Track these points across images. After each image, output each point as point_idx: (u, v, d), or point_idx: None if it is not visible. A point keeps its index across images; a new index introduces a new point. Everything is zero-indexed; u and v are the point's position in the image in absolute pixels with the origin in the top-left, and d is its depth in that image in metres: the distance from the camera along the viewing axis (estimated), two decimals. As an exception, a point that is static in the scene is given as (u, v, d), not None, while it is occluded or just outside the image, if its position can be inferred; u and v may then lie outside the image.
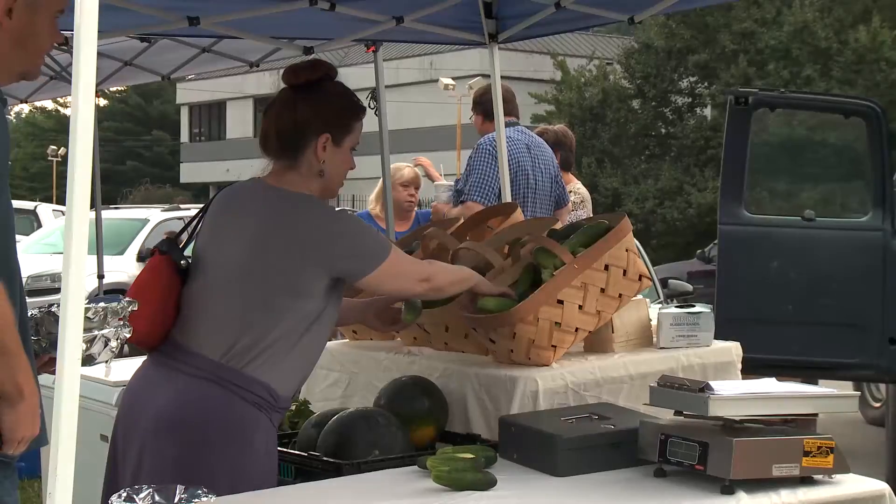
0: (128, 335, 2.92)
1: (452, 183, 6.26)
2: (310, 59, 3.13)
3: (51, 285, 12.47)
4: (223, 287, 2.89)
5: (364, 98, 6.40)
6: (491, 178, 5.70)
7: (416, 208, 6.70)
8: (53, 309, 2.77)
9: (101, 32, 2.05)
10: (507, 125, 5.91)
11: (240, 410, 2.81)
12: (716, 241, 7.91)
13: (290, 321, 2.84)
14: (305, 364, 2.95)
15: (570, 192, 6.52)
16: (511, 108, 6.15)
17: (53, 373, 2.82)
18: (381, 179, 6.38)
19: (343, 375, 3.72)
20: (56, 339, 2.75)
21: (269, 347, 2.83)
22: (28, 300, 2.60)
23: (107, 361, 2.93)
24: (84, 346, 2.27)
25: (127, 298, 2.98)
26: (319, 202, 2.95)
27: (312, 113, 2.94)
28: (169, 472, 2.70)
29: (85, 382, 2.70)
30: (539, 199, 5.98)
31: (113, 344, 2.89)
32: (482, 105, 6.05)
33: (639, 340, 3.54)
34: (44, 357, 2.78)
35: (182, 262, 3.02)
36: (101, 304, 2.63)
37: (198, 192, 48.53)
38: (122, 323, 2.91)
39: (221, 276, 2.91)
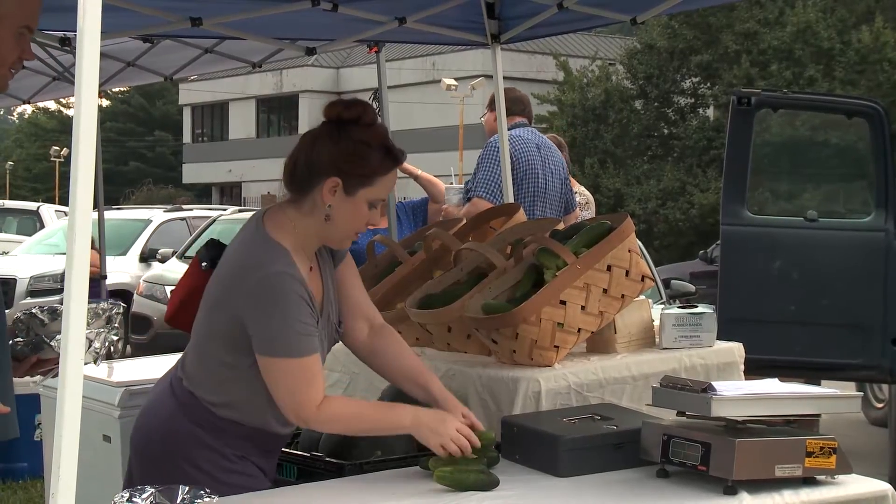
0: (115, 338, 2.93)
1: (462, 185, 6.26)
2: (353, 98, 2.93)
3: (53, 286, 12.48)
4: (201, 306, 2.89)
5: (367, 99, 6.41)
6: (498, 175, 5.71)
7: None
8: (35, 311, 2.78)
9: (104, 33, 2.05)
10: (519, 126, 5.93)
11: (177, 424, 2.82)
12: (718, 242, 7.91)
13: (227, 360, 2.78)
14: (250, 394, 2.81)
15: (576, 192, 6.52)
16: (524, 110, 6.17)
17: (42, 374, 2.84)
18: None
19: (344, 376, 3.72)
20: (40, 341, 2.76)
21: (212, 372, 2.80)
22: (31, 301, 2.60)
23: (93, 362, 2.94)
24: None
25: (111, 301, 2.99)
26: (264, 264, 2.68)
27: (328, 153, 2.73)
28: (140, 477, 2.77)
29: (88, 383, 2.70)
30: (548, 200, 5.97)
31: (97, 345, 2.89)
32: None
33: (641, 341, 3.54)
34: (31, 358, 2.79)
35: (203, 264, 3.04)
36: None
37: (200, 192, 48.59)
38: (108, 326, 2.91)
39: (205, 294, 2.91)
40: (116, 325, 2.92)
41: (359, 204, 2.75)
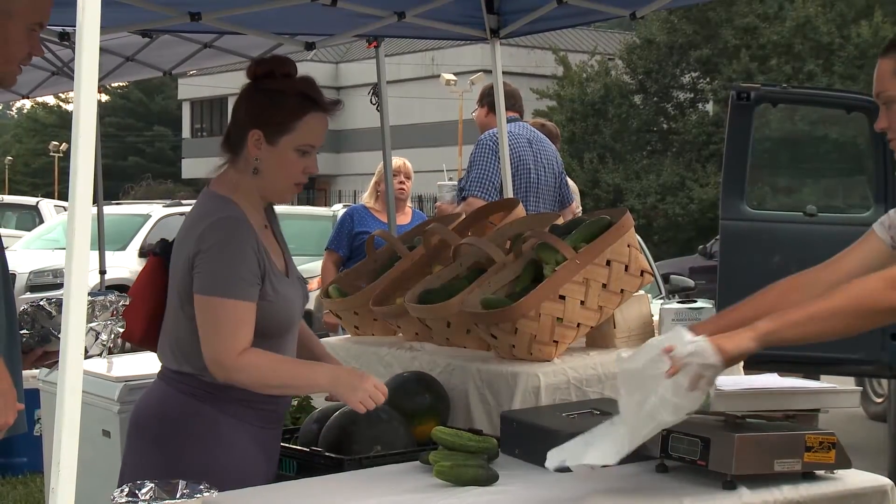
0: (121, 330, 2.94)
1: (456, 182, 6.26)
2: (272, 55, 3.01)
3: (53, 281, 12.48)
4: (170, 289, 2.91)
5: (366, 94, 6.41)
6: (492, 173, 5.70)
7: (410, 203, 6.69)
8: (43, 304, 2.79)
9: (103, 28, 2.05)
10: (510, 120, 5.91)
11: (170, 401, 2.84)
12: (717, 237, 7.91)
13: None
14: None
15: None
16: (515, 105, 6.16)
17: (48, 366, 2.85)
18: (376, 173, 6.41)
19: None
20: (47, 333, 2.77)
21: (188, 344, 2.81)
22: (31, 296, 2.60)
23: (100, 354, 2.95)
24: None
25: (117, 293, 3.00)
26: (213, 212, 2.78)
27: (246, 108, 2.86)
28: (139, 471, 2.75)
29: (87, 378, 2.71)
30: (541, 194, 5.97)
31: (104, 337, 2.90)
32: (489, 98, 6.05)
33: (640, 336, 3.54)
34: (37, 351, 2.79)
35: (156, 252, 3.05)
36: (89, 298, 2.64)
37: (199, 187, 48.38)
38: (113, 318, 2.92)
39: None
40: (122, 316, 2.93)
41: (284, 152, 2.81)
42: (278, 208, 3.08)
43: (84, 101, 1.95)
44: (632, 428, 2.39)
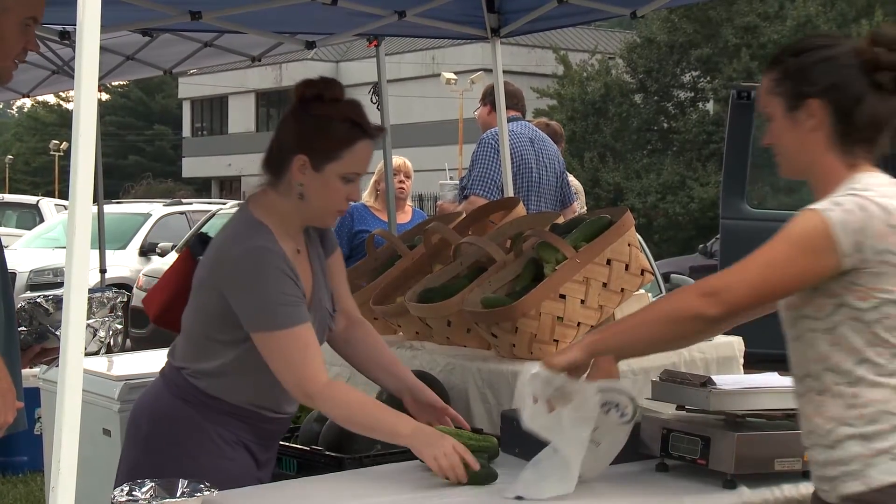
0: (119, 326, 2.95)
1: (457, 181, 6.25)
2: (319, 76, 2.93)
3: (53, 279, 12.48)
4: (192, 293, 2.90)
5: (366, 93, 6.41)
6: (493, 171, 5.70)
7: (410, 202, 6.68)
8: (41, 301, 2.79)
9: (103, 27, 2.05)
10: (512, 119, 5.91)
11: (163, 400, 2.84)
12: (718, 236, 7.91)
13: (214, 335, 2.78)
14: (234, 370, 2.81)
15: None
16: (517, 104, 6.15)
17: (46, 363, 2.85)
18: (375, 172, 6.40)
19: (345, 370, 3.71)
20: (45, 330, 2.77)
21: (198, 348, 2.80)
22: (31, 295, 2.60)
23: (98, 351, 2.96)
24: None
25: (115, 289, 3.02)
26: (241, 239, 2.73)
27: (292, 132, 2.78)
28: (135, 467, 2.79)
29: (87, 377, 2.71)
30: (543, 193, 5.96)
31: (102, 334, 2.92)
32: (492, 96, 6.04)
33: (641, 335, 3.54)
34: (35, 348, 2.80)
35: (198, 257, 3.05)
36: (87, 295, 2.64)
37: (200, 186, 48.57)
38: (112, 315, 2.93)
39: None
40: (119, 313, 2.94)
41: (329, 179, 2.76)
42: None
43: (84, 100, 1.95)
44: (569, 455, 2.50)
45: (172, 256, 12.67)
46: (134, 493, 2.35)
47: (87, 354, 2.64)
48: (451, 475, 2.60)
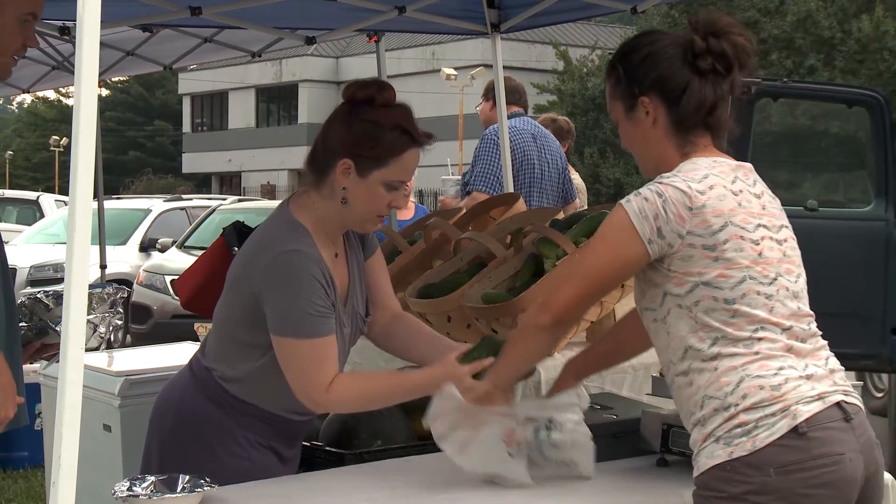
0: (119, 322, 2.95)
1: (459, 177, 6.25)
2: (372, 78, 2.84)
3: (53, 275, 12.48)
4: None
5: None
6: (496, 167, 5.70)
7: (412, 198, 6.68)
8: (41, 296, 2.79)
9: (104, 22, 2.05)
10: (514, 115, 5.91)
11: (189, 397, 2.82)
12: (718, 232, 7.88)
13: (244, 338, 2.77)
14: (262, 374, 2.78)
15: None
16: (520, 100, 6.15)
17: (46, 359, 2.85)
18: None
19: (346, 367, 3.72)
20: (45, 325, 2.77)
21: (228, 349, 2.79)
22: (31, 290, 2.60)
23: (98, 347, 2.96)
24: None
25: (115, 285, 3.02)
26: (278, 242, 2.67)
27: (340, 135, 2.70)
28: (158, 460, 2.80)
29: (88, 372, 2.71)
30: (545, 189, 5.96)
31: (102, 330, 2.92)
32: (494, 92, 6.04)
33: (641, 330, 3.54)
34: (35, 343, 2.79)
35: (234, 248, 3.06)
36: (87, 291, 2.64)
37: (200, 182, 48.58)
38: (112, 310, 2.93)
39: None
40: (120, 308, 2.94)
41: (373, 186, 2.69)
42: (273, 204, 3.06)
43: (84, 96, 1.95)
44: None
45: (173, 252, 12.67)
46: (134, 487, 2.35)
47: (87, 350, 2.64)
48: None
